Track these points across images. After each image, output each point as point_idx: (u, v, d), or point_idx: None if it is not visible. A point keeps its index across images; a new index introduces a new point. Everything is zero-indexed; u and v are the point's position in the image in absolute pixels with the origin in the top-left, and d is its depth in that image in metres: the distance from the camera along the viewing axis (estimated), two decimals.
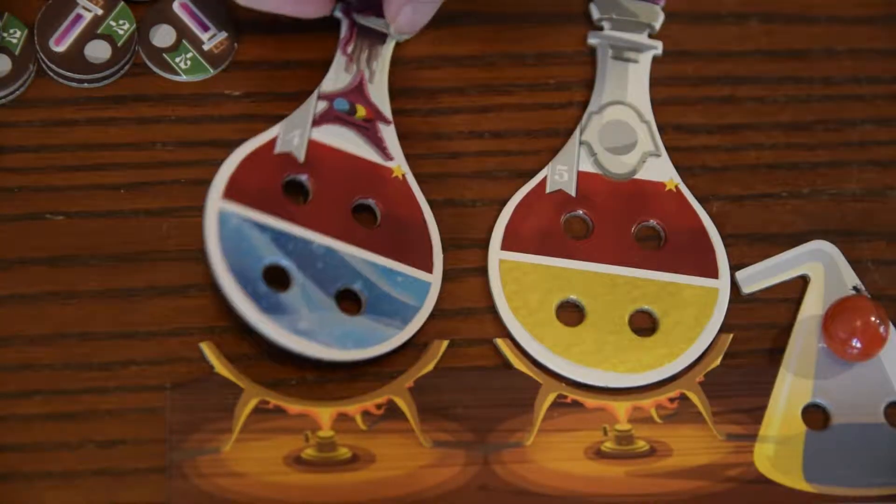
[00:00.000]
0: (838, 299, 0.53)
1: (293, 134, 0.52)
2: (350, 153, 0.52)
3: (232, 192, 0.50)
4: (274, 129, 0.52)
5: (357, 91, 0.54)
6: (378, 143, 0.53)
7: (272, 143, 0.52)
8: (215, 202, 0.50)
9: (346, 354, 0.50)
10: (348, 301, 0.51)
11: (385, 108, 0.54)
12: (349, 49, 0.54)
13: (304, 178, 0.52)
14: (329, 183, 0.52)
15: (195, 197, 0.53)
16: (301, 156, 0.52)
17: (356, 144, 0.53)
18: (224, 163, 0.51)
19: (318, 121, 0.53)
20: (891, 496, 0.51)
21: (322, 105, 0.53)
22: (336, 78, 0.54)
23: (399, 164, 0.53)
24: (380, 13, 0.54)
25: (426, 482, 0.50)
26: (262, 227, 0.50)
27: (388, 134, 0.53)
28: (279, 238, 0.50)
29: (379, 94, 0.54)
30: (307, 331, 0.49)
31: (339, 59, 0.54)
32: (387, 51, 0.55)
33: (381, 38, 0.55)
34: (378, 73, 0.54)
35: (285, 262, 0.50)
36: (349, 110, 0.53)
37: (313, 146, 0.52)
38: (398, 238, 0.52)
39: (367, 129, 0.53)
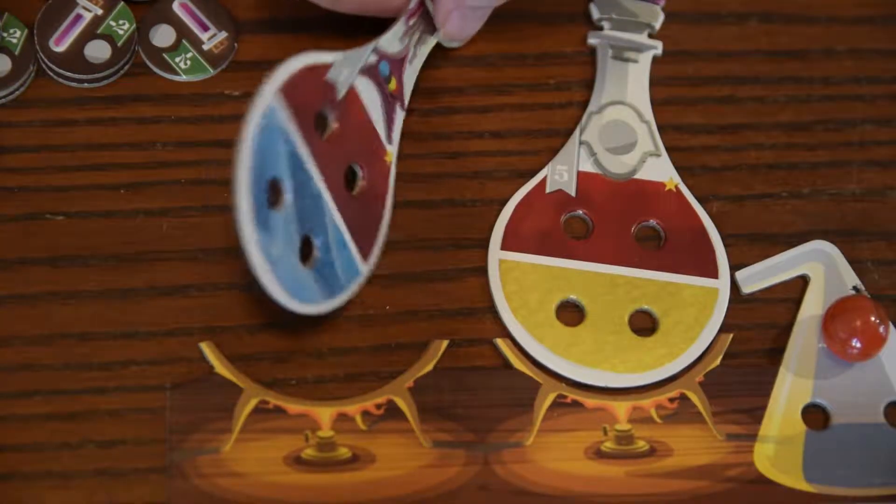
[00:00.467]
0: (838, 299, 0.53)
1: (341, 71, 0.51)
2: (369, 119, 0.52)
3: (285, 95, 0.49)
4: (329, 56, 0.50)
5: (398, 64, 0.53)
6: (389, 123, 0.53)
7: (325, 69, 0.50)
8: (268, 96, 0.48)
9: (290, 303, 0.49)
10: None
11: (408, 93, 0.54)
12: (411, 22, 0.53)
13: (331, 115, 0.51)
14: (341, 133, 0.51)
15: (195, 197, 0.53)
16: (342, 92, 0.51)
17: (377, 112, 0.52)
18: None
19: (364, 71, 0.52)
20: (891, 496, 0.51)
21: (373, 59, 0.52)
22: (391, 41, 0.53)
23: (392, 152, 0.53)
24: None
25: (426, 482, 0.50)
26: (287, 140, 0.49)
27: (399, 119, 0.53)
28: (294, 158, 0.49)
29: (409, 78, 0.54)
30: (275, 259, 0.48)
31: (400, 26, 0.53)
32: (431, 43, 0.54)
33: (434, 28, 0.54)
34: (417, 58, 0.54)
35: (287, 182, 0.49)
36: (387, 77, 0.53)
37: (352, 94, 0.51)
38: (363, 215, 0.51)
39: (389, 104, 0.53)
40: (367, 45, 0.52)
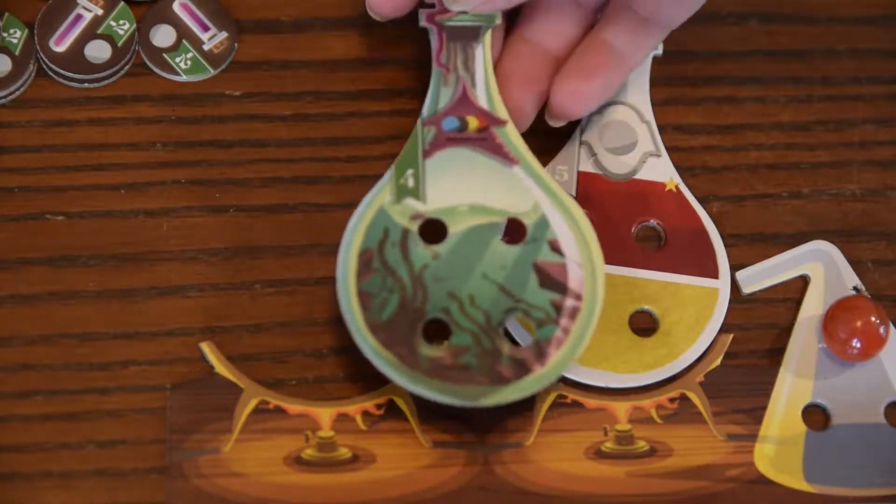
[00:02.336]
0: (838, 300, 0.53)
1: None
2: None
3: None
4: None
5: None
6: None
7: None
8: None
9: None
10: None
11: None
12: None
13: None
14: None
15: (195, 197, 0.53)
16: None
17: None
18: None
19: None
20: (891, 496, 0.51)
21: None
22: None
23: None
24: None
25: (426, 482, 0.50)
26: None
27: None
28: None
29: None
30: None
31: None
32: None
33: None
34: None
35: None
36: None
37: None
38: None
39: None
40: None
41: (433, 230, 0.50)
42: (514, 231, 0.50)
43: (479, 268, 0.49)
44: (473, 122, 0.51)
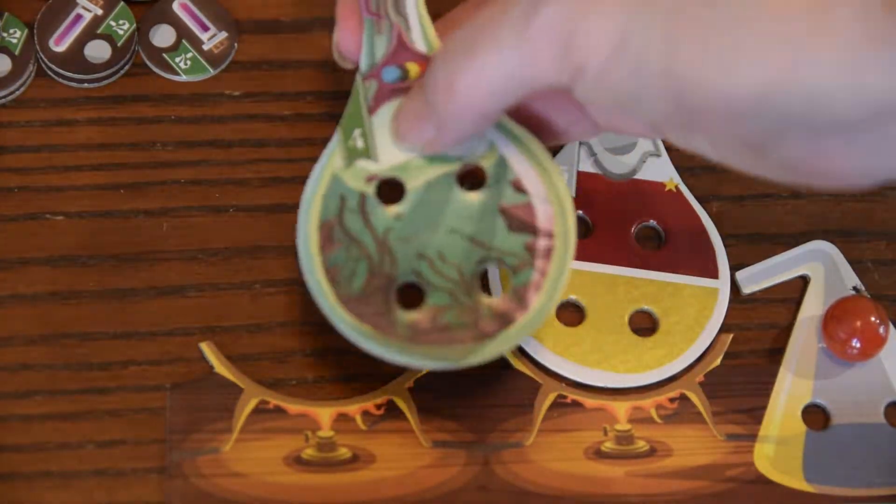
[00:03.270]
0: (838, 299, 0.53)
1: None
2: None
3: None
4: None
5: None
6: None
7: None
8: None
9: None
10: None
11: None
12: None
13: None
14: None
15: (195, 197, 0.53)
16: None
17: None
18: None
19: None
20: (891, 496, 0.51)
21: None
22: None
23: None
24: None
25: (426, 482, 0.50)
26: None
27: None
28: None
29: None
30: None
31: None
32: None
33: None
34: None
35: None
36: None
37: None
38: None
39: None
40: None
41: (391, 190, 0.47)
42: (474, 176, 0.48)
43: (444, 222, 0.47)
44: (414, 69, 0.47)
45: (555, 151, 0.55)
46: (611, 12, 0.39)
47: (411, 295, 0.47)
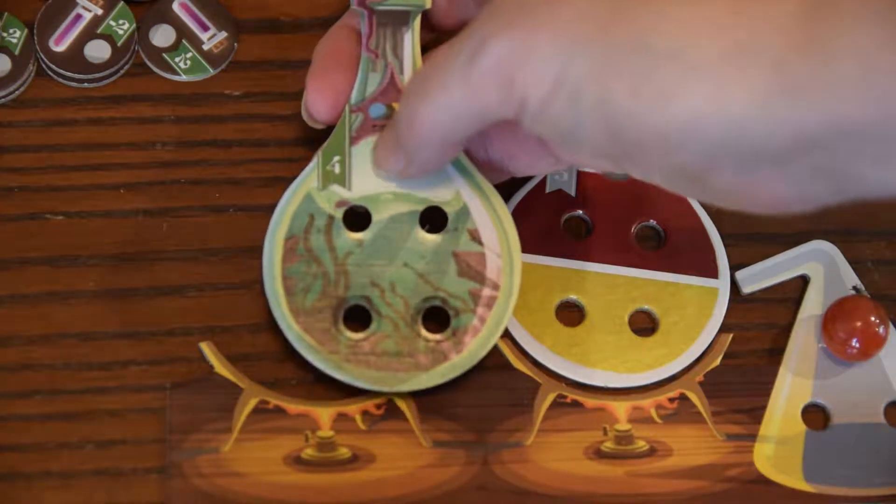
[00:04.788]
0: (838, 299, 0.53)
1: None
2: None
3: None
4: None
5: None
6: None
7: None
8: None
9: None
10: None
11: None
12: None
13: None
14: None
15: (195, 197, 0.53)
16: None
17: None
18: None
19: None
20: (891, 496, 0.51)
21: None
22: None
23: None
24: None
25: (426, 482, 0.50)
26: None
27: None
28: None
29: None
30: None
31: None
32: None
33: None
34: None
35: None
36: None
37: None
38: None
39: None
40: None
41: (358, 217, 0.50)
42: (435, 219, 0.51)
43: (400, 256, 0.50)
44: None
45: None
46: (549, 55, 0.42)
47: (358, 318, 0.50)
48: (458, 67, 0.44)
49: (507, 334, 0.52)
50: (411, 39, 0.51)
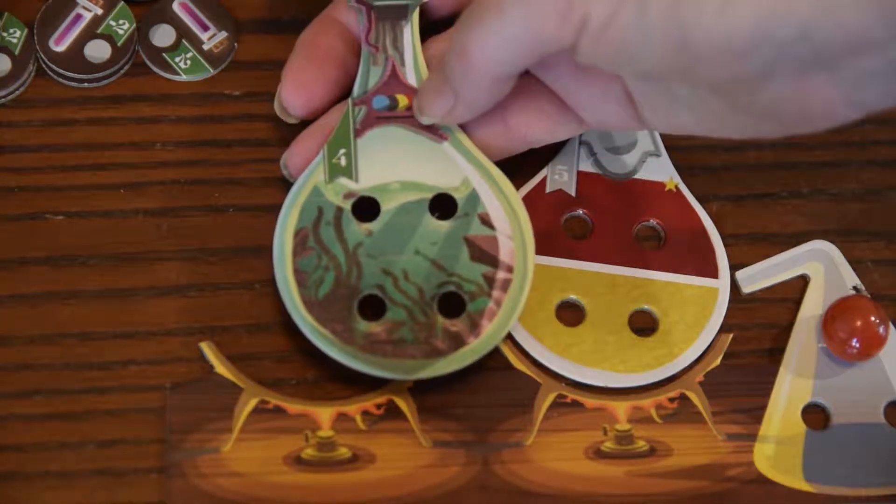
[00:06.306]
0: (838, 299, 0.53)
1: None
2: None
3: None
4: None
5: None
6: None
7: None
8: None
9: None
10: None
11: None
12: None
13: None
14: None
15: (195, 197, 0.53)
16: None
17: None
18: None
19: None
20: (891, 496, 0.51)
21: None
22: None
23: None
24: None
25: (426, 482, 0.50)
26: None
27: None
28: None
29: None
30: None
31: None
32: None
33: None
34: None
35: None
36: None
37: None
38: None
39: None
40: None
41: (367, 208, 0.51)
42: (445, 206, 0.51)
43: (411, 244, 0.50)
44: (403, 101, 0.51)
45: (554, 151, 0.55)
46: None
47: (372, 307, 0.49)
48: None
49: (507, 334, 0.52)
50: (411, 32, 0.52)
